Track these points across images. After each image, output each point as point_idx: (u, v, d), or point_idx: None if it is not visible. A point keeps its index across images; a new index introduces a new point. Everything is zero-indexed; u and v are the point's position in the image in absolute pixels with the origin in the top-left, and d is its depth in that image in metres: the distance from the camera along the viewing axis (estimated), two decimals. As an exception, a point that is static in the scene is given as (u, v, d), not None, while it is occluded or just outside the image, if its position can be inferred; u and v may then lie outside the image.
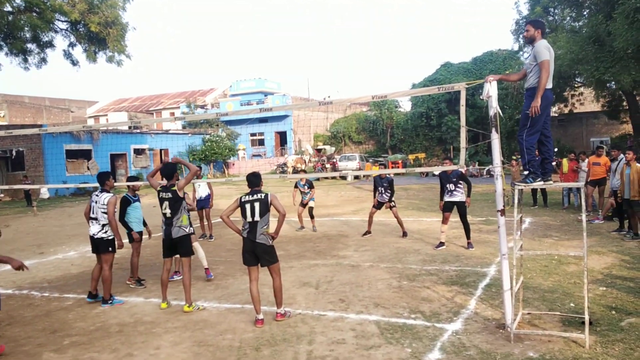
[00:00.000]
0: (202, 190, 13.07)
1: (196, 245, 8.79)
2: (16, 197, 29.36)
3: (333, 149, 44.39)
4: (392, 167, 36.14)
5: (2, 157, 31.24)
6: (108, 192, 7.95)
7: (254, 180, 6.78)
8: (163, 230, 7.35)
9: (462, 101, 6.16)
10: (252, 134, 50.59)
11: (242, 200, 6.65)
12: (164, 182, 7.44)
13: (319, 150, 42.51)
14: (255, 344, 5.85)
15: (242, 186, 30.90)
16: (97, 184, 7.99)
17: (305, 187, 13.82)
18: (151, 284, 8.90)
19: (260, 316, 6.51)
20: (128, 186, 9.21)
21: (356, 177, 34.50)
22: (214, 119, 45.24)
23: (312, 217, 13.92)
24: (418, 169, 10.17)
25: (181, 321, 6.81)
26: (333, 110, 49.64)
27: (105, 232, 7.88)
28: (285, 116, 48.17)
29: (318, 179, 13.95)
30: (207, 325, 6.60)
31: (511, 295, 5.88)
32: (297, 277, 8.88)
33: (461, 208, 10.87)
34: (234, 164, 44.86)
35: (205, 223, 13.25)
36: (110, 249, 7.92)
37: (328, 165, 37.44)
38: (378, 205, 12.58)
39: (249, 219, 6.57)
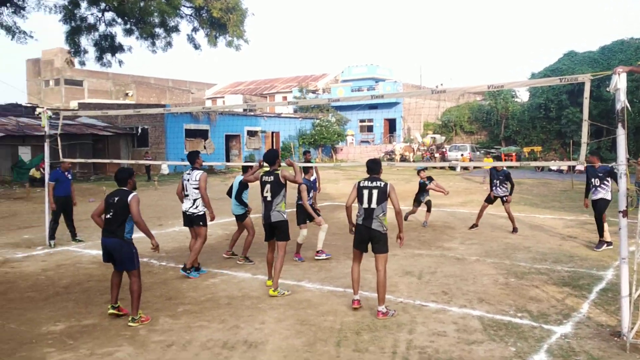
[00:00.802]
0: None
1: (323, 227, 9.31)
2: (139, 172, 31.58)
3: (443, 138, 43.43)
4: (505, 160, 34.72)
5: (129, 134, 33.68)
6: (198, 169, 8.39)
7: (373, 167, 6.63)
8: (262, 213, 7.47)
9: (586, 93, 5.80)
10: (361, 120, 50.71)
11: (361, 185, 6.55)
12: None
13: (431, 139, 41.77)
14: (355, 328, 5.93)
15: (349, 172, 31.14)
16: (213, 163, 8.44)
17: (428, 183, 13.34)
18: (259, 262, 9.26)
19: (357, 297, 6.55)
20: (244, 169, 9.59)
21: (465, 168, 33.56)
22: (324, 104, 45.80)
23: (429, 210, 13.28)
24: (533, 163, 9.72)
25: (285, 299, 7.03)
26: (445, 99, 48.46)
27: (197, 207, 8.31)
28: (396, 103, 47.76)
29: (426, 169, 13.62)
30: (310, 306, 6.77)
31: (630, 302, 5.48)
32: (400, 266, 8.85)
33: (600, 205, 10.09)
34: (341, 149, 45.29)
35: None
36: (201, 223, 8.35)
37: (437, 155, 36.72)
38: (492, 199, 12.18)
39: (365, 205, 6.44)
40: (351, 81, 52.62)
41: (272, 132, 40.19)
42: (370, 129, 51.07)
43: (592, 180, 10.12)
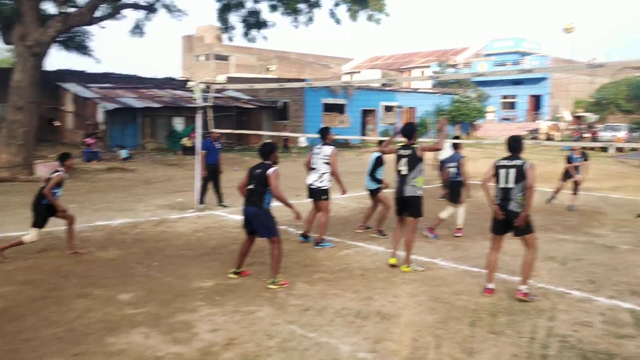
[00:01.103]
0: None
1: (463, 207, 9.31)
2: (278, 144, 32.84)
3: (595, 117, 40.06)
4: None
5: (270, 107, 35.09)
6: (329, 144, 8.49)
7: (514, 145, 6.29)
8: (396, 188, 7.36)
9: None
10: (504, 97, 48.28)
11: (497, 164, 6.29)
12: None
13: (578, 118, 38.82)
14: (491, 310, 5.77)
15: (488, 150, 29.93)
16: (348, 137, 8.59)
17: (580, 159, 12.51)
18: (393, 235, 9.27)
19: (491, 286, 6.28)
20: (380, 143, 9.61)
21: (619, 150, 30.78)
22: (464, 80, 44.20)
23: (575, 192, 12.42)
24: None
25: (419, 275, 7.01)
26: (599, 74, 44.50)
27: (321, 181, 8.47)
28: (543, 79, 44.79)
29: (573, 149, 12.70)
30: (443, 283, 6.69)
31: None
32: (542, 250, 8.39)
33: None
34: (480, 127, 43.57)
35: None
36: (324, 196, 8.51)
37: (587, 135, 34.02)
38: None
39: (502, 185, 6.18)
40: (494, 55, 50.15)
41: (409, 108, 39.68)
42: (512, 105, 48.47)
43: None
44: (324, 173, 8.49)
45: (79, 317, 5.42)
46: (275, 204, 6.65)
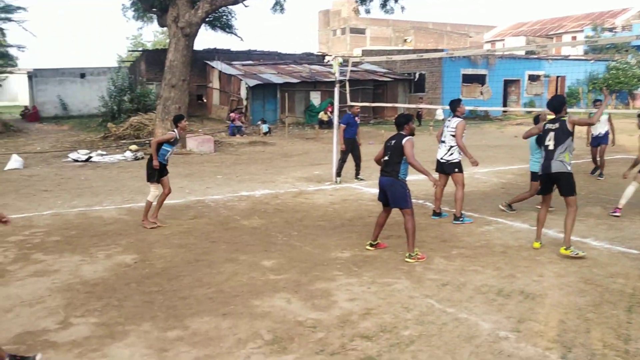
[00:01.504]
0: (600, 127, 11.92)
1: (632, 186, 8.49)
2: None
3: None
4: None
5: (407, 80, 34.56)
6: (459, 117, 8.16)
7: None
8: (542, 164, 6.79)
9: None
10: (670, 61, 43.15)
11: None
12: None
13: None
14: (652, 296, 5.26)
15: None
16: (488, 108, 8.19)
17: None
18: (535, 211, 8.76)
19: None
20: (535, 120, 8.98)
21: None
22: (622, 44, 40.10)
23: None
24: None
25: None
26: None
27: (451, 154, 8.18)
28: None
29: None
30: (595, 264, 6.21)
31: None
32: None
33: None
34: (640, 96, 39.43)
35: (598, 159, 12.18)
36: (456, 169, 8.21)
37: None
38: None
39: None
40: (659, 15, 44.92)
41: (557, 77, 36.91)
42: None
43: None
44: (452, 146, 8.21)
45: (227, 280, 5.80)
46: (411, 178, 6.56)
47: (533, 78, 36.50)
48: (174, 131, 8.26)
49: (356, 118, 12.12)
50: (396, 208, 6.63)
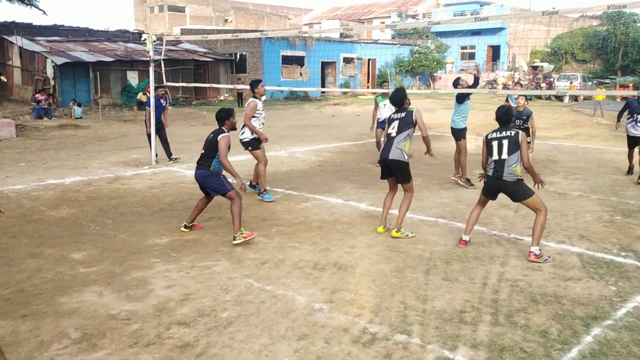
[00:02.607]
0: (385, 112, 11.53)
1: None
2: (232, 96, 32.20)
3: (551, 67, 40.62)
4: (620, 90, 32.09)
5: (228, 60, 34.31)
6: (256, 98, 8.56)
7: (505, 119, 6.09)
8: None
9: None
10: (463, 47, 48.34)
11: (489, 137, 6.10)
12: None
13: (535, 68, 39.30)
14: (445, 258, 5.88)
15: (448, 101, 30.12)
16: (308, 88, 8.42)
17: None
18: (350, 188, 9.32)
19: (467, 238, 6.25)
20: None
21: (575, 99, 31.44)
22: (424, 30, 43.97)
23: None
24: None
25: (376, 226, 7.05)
26: (557, 24, 44.90)
27: (242, 133, 8.48)
28: (501, 29, 44.93)
29: (530, 98, 12.81)
30: (400, 233, 6.77)
31: None
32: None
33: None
34: (440, 78, 43.71)
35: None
36: (250, 147, 8.51)
37: (543, 85, 34.54)
38: (632, 142, 10.27)
39: (496, 157, 5.97)
40: (454, 5, 49.94)
41: (369, 59, 39.37)
42: (472, 56, 48.61)
43: (636, 115, 9.92)
44: (243, 125, 8.42)
45: (29, 278, 5.28)
46: (233, 159, 6.55)
47: (347, 60, 38.48)
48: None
49: (162, 100, 11.82)
50: (218, 195, 6.59)
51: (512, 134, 5.94)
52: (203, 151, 6.56)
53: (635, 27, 39.98)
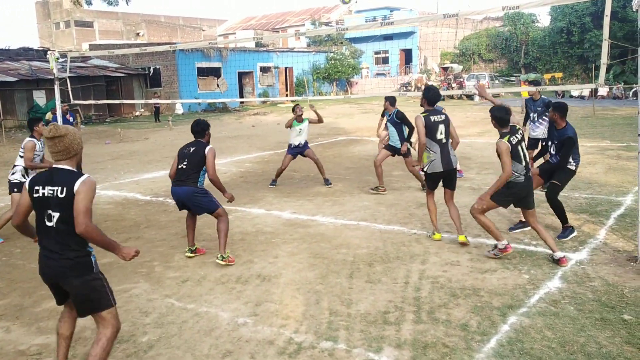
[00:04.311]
0: (298, 138, 9.98)
1: None
2: (148, 111, 31.42)
3: (461, 67, 42.37)
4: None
5: (142, 74, 33.41)
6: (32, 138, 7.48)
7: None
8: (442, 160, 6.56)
9: (607, 11, 5.48)
10: (377, 52, 49.52)
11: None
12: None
13: (445, 69, 40.84)
14: (368, 260, 5.94)
15: (364, 105, 30.72)
16: (226, 99, 8.27)
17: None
18: (273, 197, 9.27)
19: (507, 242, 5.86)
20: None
21: (495, 96, 32.91)
22: (338, 37, 44.68)
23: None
24: (550, 88, 9.40)
25: (299, 233, 7.06)
26: (463, 27, 46.94)
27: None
28: (411, 33, 46.42)
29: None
30: (323, 239, 6.79)
31: (648, 227, 5.38)
32: (414, 197, 8.80)
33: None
34: (356, 83, 44.54)
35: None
36: None
37: (454, 85, 35.95)
38: (531, 145, 9.03)
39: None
40: (365, 11, 51.12)
41: (286, 68, 39.51)
42: (385, 60, 49.91)
43: (531, 114, 9.10)
44: (14, 165, 7.57)
45: None
46: (149, 175, 6.32)
47: (264, 70, 38.45)
48: None
49: (68, 116, 11.30)
50: (208, 213, 6.23)
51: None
52: (184, 166, 6.04)
53: (534, 27, 42.45)
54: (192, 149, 6.09)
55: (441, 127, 6.40)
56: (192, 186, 6.00)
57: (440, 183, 6.58)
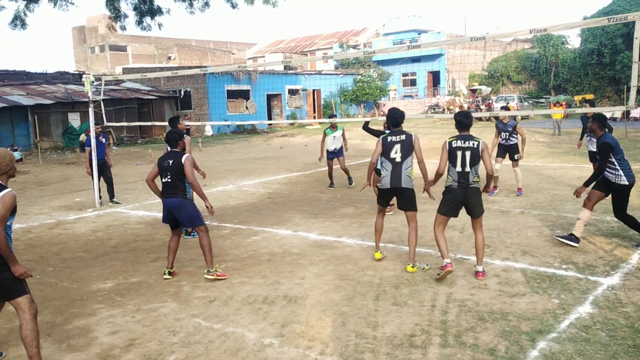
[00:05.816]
0: (333, 143, 12.09)
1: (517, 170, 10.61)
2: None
3: (489, 89, 42.12)
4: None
5: (172, 97, 34.09)
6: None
7: (467, 122, 6.12)
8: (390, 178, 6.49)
9: (637, 33, 5.47)
10: (404, 74, 49.61)
11: (453, 145, 5.98)
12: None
13: (473, 91, 40.66)
14: (394, 282, 5.92)
15: (392, 127, 30.67)
16: (255, 122, 8.39)
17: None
18: (300, 218, 9.32)
19: (448, 260, 5.96)
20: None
21: (523, 118, 32.73)
22: (365, 60, 44.97)
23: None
24: (579, 110, 9.34)
25: (325, 255, 7.07)
26: (492, 49, 46.80)
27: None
28: (439, 55, 46.45)
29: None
30: (349, 261, 6.79)
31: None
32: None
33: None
34: (384, 105, 44.60)
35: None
36: None
37: (483, 107, 35.72)
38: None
39: (459, 168, 5.96)
40: (393, 34, 51.34)
41: (314, 90, 39.87)
42: (413, 82, 49.95)
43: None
44: None
45: (-38, 335, 5.01)
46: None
47: (293, 92, 38.85)
48: None
49: (101, 138, 11.55)
50: (187, 227, 6.57)
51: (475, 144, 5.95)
52: (168, 179, 6.25)
53: (563, 49, 42.06)
54: (170, 162, 6.33)
55: (396, 147, 6.43)
56: (182, 197, 6.32)
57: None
